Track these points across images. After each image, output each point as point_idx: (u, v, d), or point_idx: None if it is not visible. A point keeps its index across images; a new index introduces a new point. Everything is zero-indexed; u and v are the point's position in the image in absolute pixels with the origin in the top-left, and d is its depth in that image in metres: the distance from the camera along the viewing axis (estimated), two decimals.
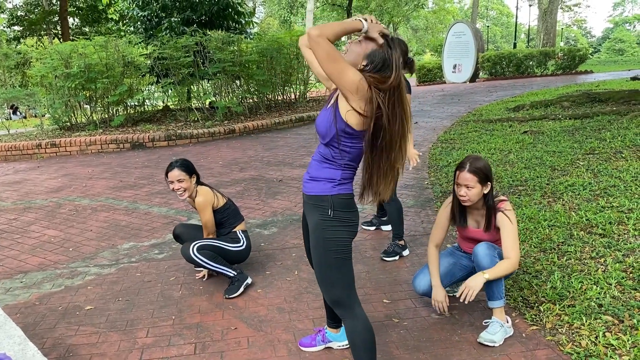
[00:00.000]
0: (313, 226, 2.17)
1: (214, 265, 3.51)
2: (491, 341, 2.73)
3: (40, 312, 3.41)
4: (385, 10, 37.98)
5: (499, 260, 2.81)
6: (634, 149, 5.83)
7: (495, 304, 2.81)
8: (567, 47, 24.18)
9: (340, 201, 2.12)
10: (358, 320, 2.19)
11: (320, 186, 2.14)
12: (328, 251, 2.13)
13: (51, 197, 6.45)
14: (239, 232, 3.73)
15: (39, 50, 12.81)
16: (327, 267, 2.15)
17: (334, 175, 2.12)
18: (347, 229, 2.15)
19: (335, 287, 2.17)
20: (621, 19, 75.23)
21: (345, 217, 2.14)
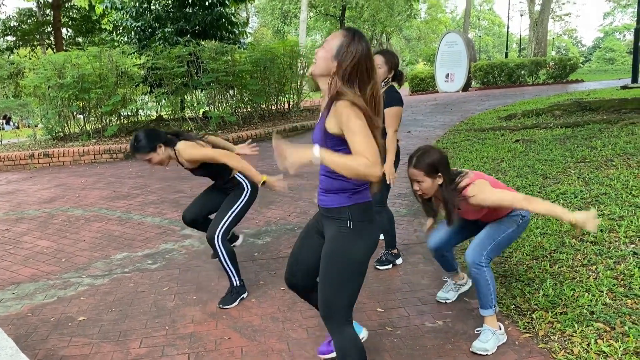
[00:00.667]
0: (331, 239, 2.11)
1: (228, 264, 3.48)
2: (484, 349, 2.74)
3: (32, 323, 3.39)
4: (378, 20, 38.18)
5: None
6: (624, 157, 5.88)
7: (485, 312, 2.84)
8: (558, 57, 24.39)
9: (359, 211, 2.07)
10: (347, 338, 2.13)
11: (337, 199, 2.09)
12: (344, 265, 2.06)
13: (44, 207, 6.43)
14: (238, 175, 3.61)
15: (32, 60, 12.83)
16: (338, 281, 2.08)
17: (345, 185, 2.07)
18: (366, 244, 2.08)
19: (337, 303, 2.10)
20: (611, 28, 76.01)
21: (364, 229, 2.08)
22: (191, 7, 13.73)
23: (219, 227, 3.44)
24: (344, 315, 2.12)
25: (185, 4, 13.62)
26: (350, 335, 2.13)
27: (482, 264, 2.81)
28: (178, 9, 13.41)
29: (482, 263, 2.81)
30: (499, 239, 2.86)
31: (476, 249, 2.86)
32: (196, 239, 4.90)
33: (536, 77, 21.79)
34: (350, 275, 2.08)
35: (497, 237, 2.87)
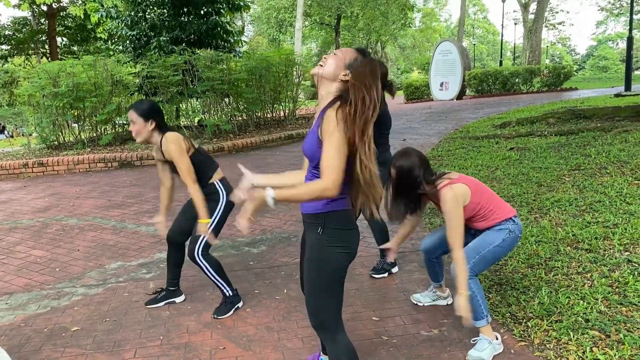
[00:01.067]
0: (309, 245, 2.12)
1: (215, 276, 3.42)
2: (479, 358, 2.73)
3: (25, 333, 3.37)
4: (373, 29, 38.37)
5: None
6: (618, 164, 5.91)
7: (478, 323, 2.83)
8: (552, 65, 24.53)
9: (334, 217, 2.07)
10: (340, 346, 2.13)
11: (314, 204, 2.10)
12: (321, 272, 2.07)
13: (38, 216, 6.40)
14: (217, 183, 3.43)
15: (27, 69, 12.80)
16: (318, 288, 2.09)
17: None
18: (343, 250, 2.08)
19: (323, 310, 2.11)
20: (604, 37, 76.62)
21: (340, 235, 2.07)
22: (186, 16, 13.76)
23: (197, 244, 3.36)
24: (333, 323, 2.12)
25: (180, 13, 13.65)
26: (343, 343, 2.13)
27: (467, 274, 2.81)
28: (173, 18, 13.44)
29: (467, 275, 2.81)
30: (483, 253, 2.85)
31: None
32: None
33: (530, 85, 21.90)
34: (329, 283, 2.08)
35: (482, 250, 2.85)
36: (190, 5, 13.51)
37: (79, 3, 23.60)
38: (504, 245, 2.88)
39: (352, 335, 3.11)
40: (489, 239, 2.89)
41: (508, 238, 2.88)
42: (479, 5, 73.26)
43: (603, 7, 42.44)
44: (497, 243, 2.87)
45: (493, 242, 2.87)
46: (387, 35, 41.38)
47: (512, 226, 2.89)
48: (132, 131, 3.32)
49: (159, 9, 13.81)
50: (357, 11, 36.11)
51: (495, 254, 2.88)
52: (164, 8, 13.62)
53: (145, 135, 3.31)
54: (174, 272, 3.72)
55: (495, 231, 2.90)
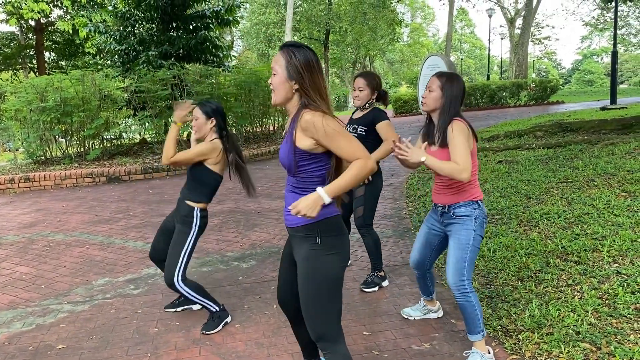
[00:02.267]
0: (302, 258, 2.10)
1: (199, 298, 3.41)
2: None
3: (9, 352, 3.29)
4: (361, 43, 38.63)
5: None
6: (605, 177, 5.96)
7: (474, 337, 2.82)
8: (538, 79, 24.83)
9: (327, 225, 2.08)
10: (339, 357, 2.13)
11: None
12: (320, 283, 2.07)
13: (23, 232, 6.31)
14: (197, 210, 3.41)
15: (14, 84, 12.71)
16: (319, 300, 2.08)
17: None
18: (339, 257, 2.10)
19: (325, 321, 2.09)
20: (589, 51, 77.68)
21: (335, 242, 2.09)
22: (175, 31, 13.78)
23: (175, 271, 3.35)
24: (335, 333, 2.12)
25: (169, 28, 13.67)
26: (342, 354, 2.14)
27: (466, 290, 2.80)
28: (162, 33, 13.45)
29: (467, 289, 2.80)
30: (467, 257, 2.81)
31: (455, 276, 2.82)
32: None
33: (517, 98, 22.14)
34: (330, 293, 2.08)
35: (466, 255, 2.81)
36: (179, 20, 13.54)
37: (67, 18, 23.55)
38: (478, 229, 2.82)
39: None
40: (463, 238, 2.82)
41: (478, 227, 2.82)
42: (466, 20, 74.12)
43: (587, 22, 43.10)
44: (472, 235, 2.81)
45: (469, 237, 2.81)
46: (375, 50, 41.69)
47: (477, 212, 2.83)
48: (194, 123, 3.44)
49: (148, 24, 13.81)
50: (346, 26, 36.37)
51: (476, 246, 2.83)
52: (153, 23, 13.63)
53: (203, 131, 3.43)
54: None
55: (463, 229, 2.82)
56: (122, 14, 13.52)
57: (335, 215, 2.11)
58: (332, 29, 37.45)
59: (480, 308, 2.83)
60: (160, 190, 8.44)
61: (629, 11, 40.81)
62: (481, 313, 2.82)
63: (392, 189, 7.32)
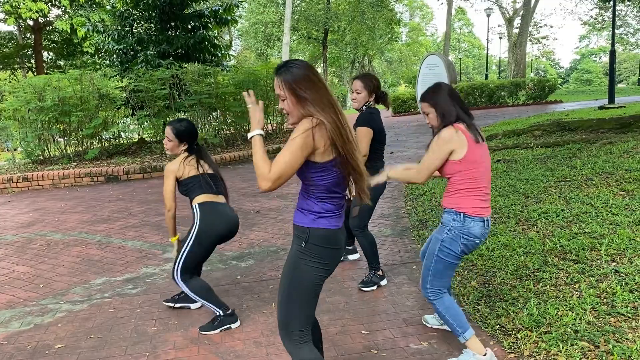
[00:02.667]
0: (290, 253, 2.18)
1: (198, 298, 3.43)
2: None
3: (7, 352, 3.29)
4: (360, 43, 38.59)
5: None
6: (603, 176, 5.96)
7: (459, 339, 2.81)
8: (537, 78, 24.83)
9: (318, 235, 2.10)
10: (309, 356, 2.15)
11: (302, 217, 2.14)
12: (293, 282, 2.12)
13: (22, 232, 6.30)
14: (196, 206, 3.47)
15: (12, 83, 12.68)
16: (287, 297, 2.13)
17: (312, 207, 2.12)
18: (321, 267, 2.12)
19: (290, 319, 2.14)
20: (587, 50, 77.76)
21: (321, 252, 2.11)
22: (174, 30, 13.77)
23: (175, 267, 3.44)
24: (298, 335, 2.15)
25: (167, 27, 13.66)
26: (305, 356, 2.14)
27: (430, 298, 2.82)
28: (160, 32, 13.43)
29: (430, 297, 2.81)
30: (432, 267, 2.78)
31: (421, 282, 2.86)
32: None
33: (516, 98, 22.13)
34: (300, 297, 2.12)
35: (430, 265, 2.79)
36: (177, 20, 13.53)
37: (65, 17, 23.51)
38: (445, 249, 2.74)
39: (341, 349, 3.08)
40: (430, 250, 2.81)
41: (448, 239, 2.73)
42: (464, 20, 74.13)
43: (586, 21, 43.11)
44: (436, 252, 2.76)
45: (434, 248, 2.77)
46: (374, 49, 41.67)
47: (453, 223, 2.72)
48: (166, 144, 3.60)
49: (146, 23, 13.80)
50: (344, 26, 36.36)
51: (443, 260, 2.75)
52: (151, 22, 13.62)
53: (174, 151, 3.61)
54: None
55: (435, 235, 2.81)
56: (120, 13, 13.51)
57: (331, 228, 2.12)
58: (331, 29, 37.44)
59: (453, 313, 2.77)
60: (159, 189, 8.44)
61: (627, 10, 40.87)
62: (455, 318, 2.77)
63: (390, 188, 7.33)
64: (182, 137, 3.53)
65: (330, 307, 3.68)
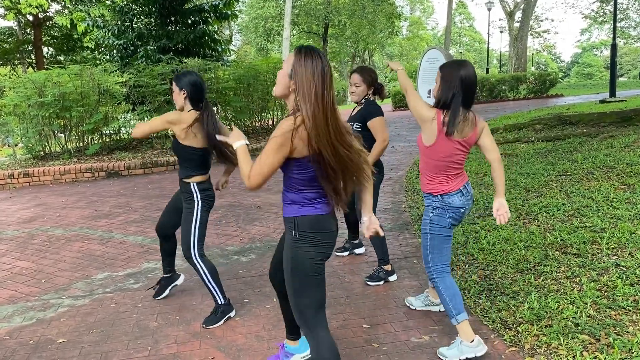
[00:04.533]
0: (285, 245, 2.23)
1: (210, 281, 3.44)
2: (442, 355, 2.84)
3: (10, 346, 3.30)
4: (360, 37, 38.50)
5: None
6: (604, 169, 5.96)
7: (451, 321, 2.87)
8: (538, 72, 24.78)
9: (305, 222, 2.16)
10: (321, 343, 2.21)
11: (288, 209, 2.20)
12: (294, 272, 2.17)
13: (23, 227, 6.31)
14: (194, 185, 3.43)
15: (13, 79, 12.67)
16: (291, 286, 2.19)
17: (294, 198, 2.18)
18: (315, 251, 2.17)
19: (301, 308, 2.20)
20: (588, 44, 77.49)
21: (313, 236, 2.16)
22: (174, 25, 13.75)
23: (191, 246, 3.43)
24: (312, 320, 2.21)
25: (167, 22, 13.63)
26: (324, 341, 2.21)
27: (432, 275, 2.91)
28: (160, 27, 13.41)
29: (432, 274, 2.91)
30: (428, 244, 2.91)
31: (424, 263, 2.97)
32: (179, 257, 4.82)
33: (517, 92, 22.09)
34: (300, 284, 2.18)
35: (427, 243, 2.92)
36: (177, 15, 13.50)
37: (65, 13, 23.46)
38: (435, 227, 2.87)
39: (342, 343, 3.09)
40: (422, 231, 2.96)
41: (435, 216, 2.87)
42: (465, 13, 73.92)
43: (587, 15, 42.96)
44: (427, 230, 2.90)
45: (425, 227, 2.93)
46: (374, 43, 41.58)
47: (436, 203, 2.88)
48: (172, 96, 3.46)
49: (146, 18, 13.78)
50: (345, 20, 36.26)
51: (435, 234, 2.87)
52: (151, 17, 13.60)
53: (179, 104, 3.43)
54: (168, 261, 3.88)
55: (423, 218, 2.96)
56: (120, 8, 13.48)
57: (317, 214, 2.17)
58: (331, 23, 37.36)
59: (451, 293, 2.84)
60: (160, 184, 8.44)
61: (628, 4, 40.70)
62: (452, 298, 2.84)
63: (391, 182, 7.33)
64: (179, 83, 3.36)
65: (332, 302, 3.69)
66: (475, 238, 4.60)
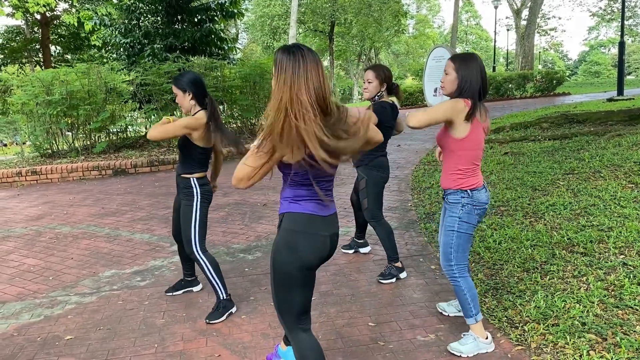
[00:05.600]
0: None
1: (213, 275, 3.48)
2: (458, 351, 2.84)
3: (18, 343, 3.33)
4: (366, 35, 38.45)
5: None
6: (612, 168, 5.93)
7: (468, 321, 2.90)
8: (544, 70, 24.66)
9: (289, 219, 2.07)
10: (302, 347, 2.15)
11: (280, 205, 2.16)
12: (272, 271, 2.10)
13: (31, 225, 6.35)
14: (193, 180, 3.50)
15: (21, 77, 12.74)
16: (274, 290, 2.13)
17: (286, 194, 2.12)
18: (290, 255, 2.03)
19: (279, 308, 2.14)
20: (596, 42, 77.04)
21: (291, 238, 2.05)
22: (180, 24, 13.77)
23: (192, 242, 3.48)
24: (289, 322, 2.14)
25: (174, 21, 13.66)
26: (303, 342, 2.15)
27: (454, 274, 2.88)
28: (167, 25, 13.44)
29: (455, 273, 2.88)
30: (454, 243, 2.86)
31: (443, 260, 2.93)
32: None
33: (523, 90, 22.00)
34: (281, 284, 2.09)
35: (452, 241, 2.87)
36: (184, 13, 13.52)
37: (72, 11, 23.57)
38: (463, 224, 2.84)
39: (348, 341, 3.09)
40: (449, 224, 2.89)
41: (464, 214, 2.84)
42: (471, 11, 73.64)
43: (595, 12, 42.70)
44: (457, 222, 2.85)
45: (454, 223, 2.86)
46: (380, 41, 41.50)
47: (465, 199, 2.84)
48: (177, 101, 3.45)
49: (153, 17, 13.81)
50: (351, 18, 36.22)
51: (462, 233, 2.86)
52: (158, 16, 13.62)
53: (186, 107, 3.43)
54: (186, 265, 3.94)
55: (449, 215, 2.89)
56: (127, 6, 13.52)
57: (303, 212, 2.07)
58: (337, 21, 37.32)
59: (473, 293, 2.86)
60: (166, 182, 8.47)
61: (636, 1, 40.43)
62: (473, 298, 2.85)
63: (397, 181, 7.32)
64: (181, 86, 3.36)
65: (337, 300, 3.70)
66: (481, 236, 4.59)
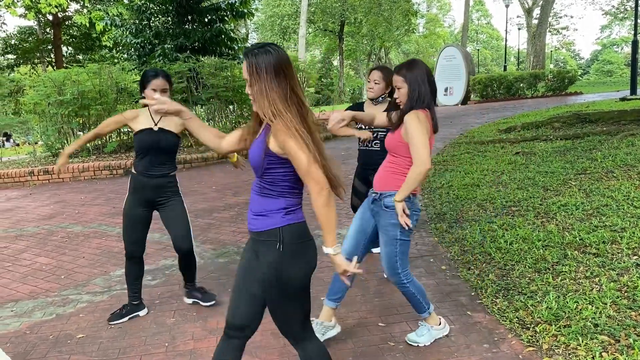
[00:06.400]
0: (266, 264, 2.01)
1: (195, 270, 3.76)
2: (415, 342, 2.95)
3: (30, 341, 3.36)
4: (376, 35, 38.41)
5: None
6: (625, 168, 5.87)
7: (422, 315, 2.98)
8: (556, 69, 24.49)
9: (292, 231, 2.00)
10: (309, 352, 2.13)
11: (269, 220, 2.01)
12: (284, 292, 2.01)
13: (43, 224, 6.40)
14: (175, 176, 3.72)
15: (33, 78, 12.86)
16: (284, 308, 2.05)
17: (278, 205, 2.01)
18: (305, 264, 2.02)
19: (290, 323, 2.09)
20: (609, 41, 76.33)
21: (300, 249, 2.01)
22: (191, 24, 13.84)
23: (191, 236, 3.64)
24: (301, 331, 2.12)
25: (184, 21, 13.73)
26: (313, 349, 2.13)
27: (403, 281, 2.88)
28: (178, 26, 13.51)
29: (403, 280, 2.88)
30: (398, 251, 2.82)
31: (390, 272, 2.87)
32: (196, 254, 4.85)
33: (535, 89, 21.86)
34: (293, 300, 2.04)
35: (395, 249, 2.82)
36: (194, 13, 13.59)
37: (84, 12, 23.77)
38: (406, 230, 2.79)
39: (358, 341, 3.09)
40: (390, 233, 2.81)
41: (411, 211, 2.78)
42: (482, 10, 73.32)
43: (607, 11, 42.31)
44: (398, 235, 2.79)
45: (396, 231, 2.79)
46: (390, 41, 41.43)
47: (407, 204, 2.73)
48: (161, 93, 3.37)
49: (164, 17, 13.89)
50: (361, 17, 36.20)
51: (404, 239, 2.81)
52: (168, 16, 13.70)
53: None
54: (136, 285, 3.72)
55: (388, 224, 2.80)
56: (137, 7, 13.60)
57: (301, 222, 2.03)
58: (347, 20, 37.32)
59: (421, 291, 2.92)
60: None
61: None
62: (422, 295, 2.92)
63: None
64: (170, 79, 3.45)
65: (347, 300, 3.69)
66: (492, 237, 4.57)
